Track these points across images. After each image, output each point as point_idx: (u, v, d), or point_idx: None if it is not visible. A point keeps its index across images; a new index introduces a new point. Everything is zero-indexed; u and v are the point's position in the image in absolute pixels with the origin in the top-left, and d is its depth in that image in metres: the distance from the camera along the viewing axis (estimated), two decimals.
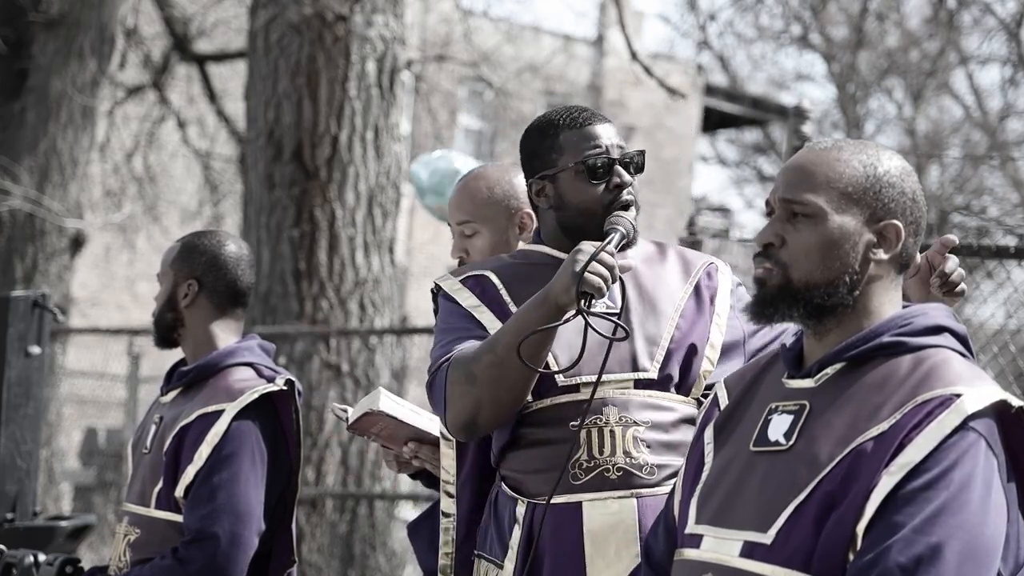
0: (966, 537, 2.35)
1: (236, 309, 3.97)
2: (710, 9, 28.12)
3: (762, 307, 2.57)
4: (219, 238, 3.98)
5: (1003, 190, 20.08)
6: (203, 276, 3.92)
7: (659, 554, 2.74)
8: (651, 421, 3.29)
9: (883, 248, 2.55)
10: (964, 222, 16.86)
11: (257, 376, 3.88)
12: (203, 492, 3.75)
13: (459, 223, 3.73)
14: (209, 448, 3.77)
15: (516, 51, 18.83)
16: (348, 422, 3.65)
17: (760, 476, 2.51)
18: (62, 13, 12.35)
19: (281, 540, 3.90)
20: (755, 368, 2.72)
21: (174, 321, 3.95)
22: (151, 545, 3.82)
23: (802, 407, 2.53)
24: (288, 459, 3.89)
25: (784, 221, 2.57)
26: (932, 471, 2.37)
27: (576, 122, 3.39)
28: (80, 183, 12.60)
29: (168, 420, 3.89)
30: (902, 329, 2.52)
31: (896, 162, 2.58)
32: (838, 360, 2.54)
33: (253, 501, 3.77)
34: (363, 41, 9.22)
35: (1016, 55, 19.52)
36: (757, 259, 2.59)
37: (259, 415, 3.83)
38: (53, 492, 12.08)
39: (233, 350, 3.91)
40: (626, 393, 3.31)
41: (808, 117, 5.82)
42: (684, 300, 3.40)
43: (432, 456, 3.58)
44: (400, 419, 3.55)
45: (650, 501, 3.24)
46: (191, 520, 3.75)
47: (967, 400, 2.40)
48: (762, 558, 2.44)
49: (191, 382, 3.92)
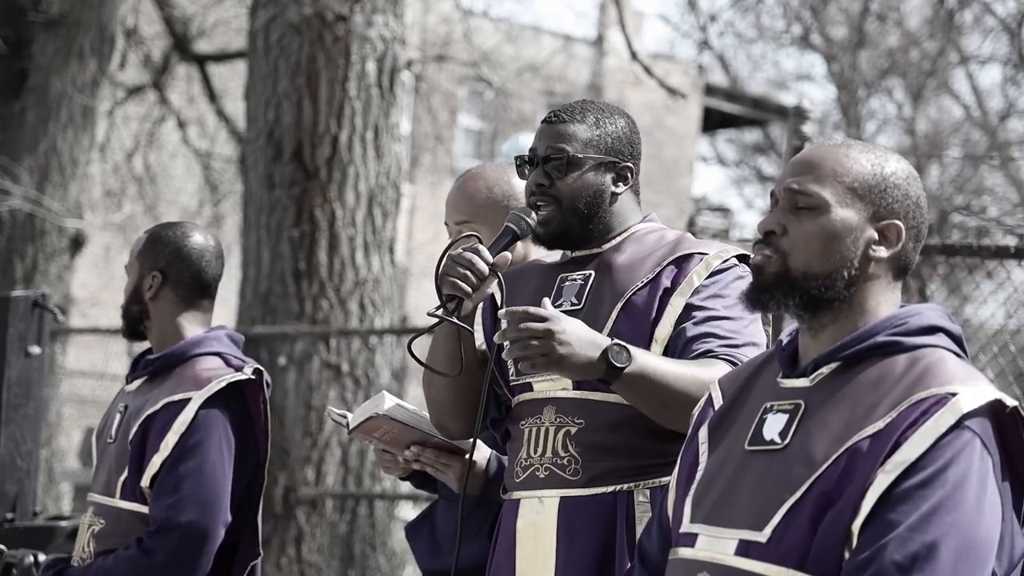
0: (961, 535, 2.35)
1: (203, 301, 3.93)
2: (710, 9, 28.13)
3: (758, 294, 2.58)
4: (184, 229, 3.94)
5: (1003, 190, 20.07)
6: (167, 268, 3.89)
7: (653, 554, 2.74)
8: (584, 422, 3.25)
9: (883, 246, 2.56)
10: (964, 222, 16.83)
11: (225, 365, 3.84)
12: (169, 482, 3.71)
13: (457, 223, 3.72)
14: (176, 437, 3.72)
15: (516, 51, 18.83)
16: (349, 427, 3.62)
17: (755, 475, 2.51)
18: (62, 13, 12.35)
19: (247, 532, 3.85)
20: (749, 368, 2.72)
21: (140, 313, 3.92)
22: (115, 536, 3.78)
23: (797, 406, 2.53)
24: (256, 450, 3.85)
25: (787, 211, 2.57)
26: (927, 469, 2.37)
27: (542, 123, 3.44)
28: (80, 183, 12.60)
29: (133, 409, 3.84)
30: (897, 329, 2.52)
31: (903, 165, 2.60)
32: (833, 359, 2.54)
33: (220, 491, 3.73)
34: (363, 41, 9.22)
35: (1016, 55, 19.51)
36: (757, 246, 2.60)
37: (227, 404, 3.79)
38: (53, 492, 12.08)
39: (200, 339, 3.87)
40: (566, 391, 3.29)
41: (808, 117, 5.82)
42: (631, 293, 3.28)
43: (435, 459, 3.57)
44: (405, 423, 3.52)
45: (578, 502, 3.22)
46: (157, 510, 3.71)
47: (962, 399, 2.41)
48: (757, 556, 2.45)
49: (157, 371, 3.88)
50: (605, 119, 3.38)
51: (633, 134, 3.42)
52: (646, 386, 3.06)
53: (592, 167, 3.34)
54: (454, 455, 3.57)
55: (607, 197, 3.36)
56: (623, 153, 3.38)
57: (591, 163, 3.34)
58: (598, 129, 3.36)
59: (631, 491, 3.20)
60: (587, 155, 3.34)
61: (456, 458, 3.56)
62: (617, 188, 3.38)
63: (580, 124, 3.36)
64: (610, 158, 3.36)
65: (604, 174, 3.36)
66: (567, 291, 3.35)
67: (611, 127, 3.37)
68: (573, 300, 3.33)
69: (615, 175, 3.37)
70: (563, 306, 3.28)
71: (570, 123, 3.36)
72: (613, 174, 3.37)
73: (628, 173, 3.39)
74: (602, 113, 3.40)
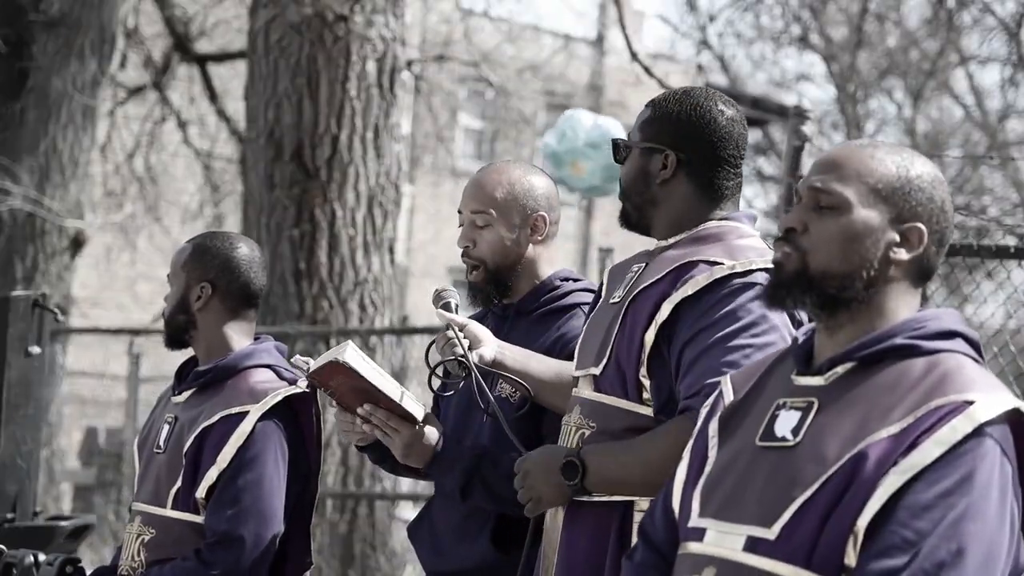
0: (985, 544, 2.36)
1: (248, 311, 3.95)
2: (710, 9, 28.13)
3: (776, 290, 2.57)
4: (231, 240, 3.96)
5: (1003, 190, 20.08)
6: (216, 279, 3.90)
7: (657, 538, 2.74)
8: (597, 426, 3.26)
9: (905, 248, 2.54)
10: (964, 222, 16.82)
11: (278, 378, 3.86)
12: (228, 494, 3.73)
13: (473, 212, 3.73)
14: (233, 450, 3.74)
15: (516, 51, 18.83)
16: (308, 371, 3.61)
17: (765, 471, 2.51)
18: (62, 13, 12.35)
19: (297, 542, 3.88)
20: (763, 364, 2.72)
21: (187, 323, 3.93)
22: (166, 545, 3.80)
23: (810, 404, 2.52)
24: (307, 461, 3.88)
25: (810, 209, 2.57)
26: (952, 477, 2.37)
27: None
28: (80, 183, 12.60)
29: (185, 421, 3.85)
30: (915, 332, 2.51)
31: (929, 169, 2.58)
32: (849, 359, 2.53)
33: (276, 504, 3.76)
34: (363, 41, 9.22)
35: (1016, 55, 19.51)
36: (777, 243, 2.59)
37: (282, 417, 3.81)
38: (53, 492, 12.08)
39: (251, 352, 3.89)
40: (589, 393, 3.30)
41: (808, 117, 5.81)
42: (631, 300, 3.26)
43: (385, 421, 3.56)
44: (362, 375, 3.51)
45: (583, 506, 3.24)
46: (215, 522, 3.73)
47: (979, 407, 2.40)
48: (765, 553, 2.45)
49: (208, 383, 3.89)
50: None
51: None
52: (616, 486, 3.18)
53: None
54: (405, 421, 3.56)
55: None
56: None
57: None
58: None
59: (631, 502, 3.19)
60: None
61: (406, 425, 3.56)
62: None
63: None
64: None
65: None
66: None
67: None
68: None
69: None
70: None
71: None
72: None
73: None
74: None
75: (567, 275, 3.79)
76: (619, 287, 3.34)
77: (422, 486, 9.59)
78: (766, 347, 3.04)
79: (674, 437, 3.02)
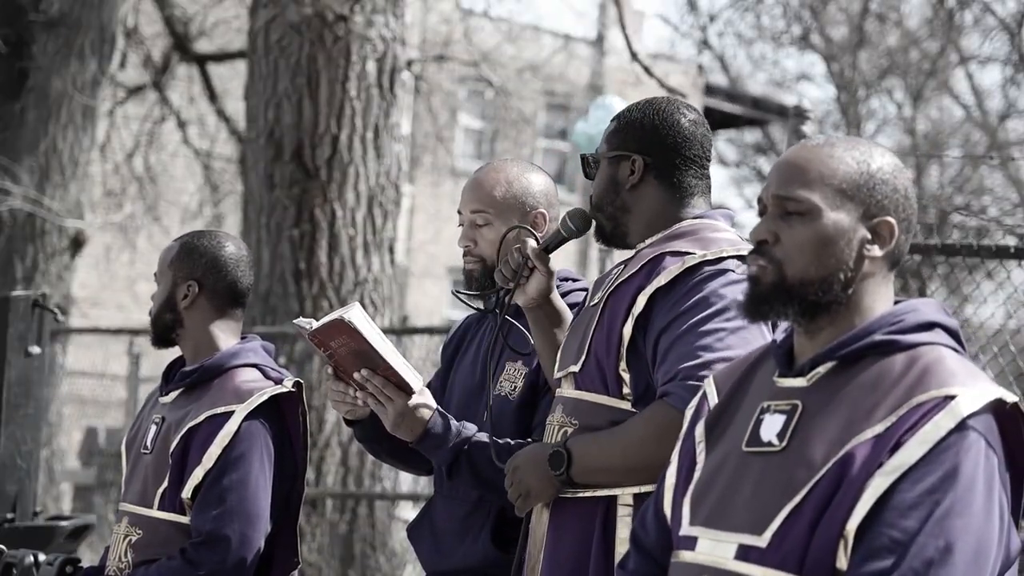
0: (973, 538, 2.35)
1: (235, 310, 3.95)
2: (710, 9, 28.13)
3: (757, 305, 2.55)
4: (218, 239, 3.95)
5: (1003, 190, 20.10)
6: (203, 277, 3.90)
7: (650, 544, 2.73)
8: (579, 423, 3.27)
9: (877, 244, 2.54)
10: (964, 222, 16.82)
11: (264, 377, 3.86)
12: (214, 494, 3.73)
13: (473, 211, 3.73)
14: (219, 449, 3.74)
15: (516, 51, 18.84)
16: (310, 331, 3.60)
17: (754, 477, 2.50)
18: (62, 13, 12.35)
19: (284, 542, 3.88)
20: (744, 364, 2.70)
21: (173, 322, 3.93)
22: (153, 546, 3.80)
23: (794, 407, 2.51)
24: (293, 461, 3.88)
25: (777, 218, 2.55)
26: (936, 473, 2.36)
27: None
28: (80, 183, 12.60)
29: (172, 421, 3.86)
30: (893, 327, 2.50)
31: (888, 159, 2.57)
32: (830, 359, 2.52)
33: (262, 503, 3.76)
34: (363, 41, 9.22)
35: (1016, 55, 19.52)
36: (751, 256, 2.57)
37: (267, 417, 3.81)
38: (53, 492, 12.08)
39: (237, 351, 3.89)
40: (571, 391, 3.32)
41: (808, 117, 5.81)
42: (608, 296, 3.30)
43: (380, 388, 3.56)
44: (365, 337, 3.50)
45: (567, 503, 3.27)
46: (201, 521, 3.73)
47: (962, 401, 2.39)
48: (757, 561, 2.44)
49: (194, 383, 3.89)
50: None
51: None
52: (600, 474, 3.20)
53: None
54: (400, 391, 3.56)
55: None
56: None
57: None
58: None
59: (614, 496, 3.21)
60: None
61: (401, 395, 3.56)
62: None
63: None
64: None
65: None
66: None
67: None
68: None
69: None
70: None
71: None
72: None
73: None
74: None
75: (567, 275, 3.78)
76: (600, 291, 3.38)
77: (422, 486, 9.60)
78: (739, 331, 3.09)
79: (653, 423, 3.10)
